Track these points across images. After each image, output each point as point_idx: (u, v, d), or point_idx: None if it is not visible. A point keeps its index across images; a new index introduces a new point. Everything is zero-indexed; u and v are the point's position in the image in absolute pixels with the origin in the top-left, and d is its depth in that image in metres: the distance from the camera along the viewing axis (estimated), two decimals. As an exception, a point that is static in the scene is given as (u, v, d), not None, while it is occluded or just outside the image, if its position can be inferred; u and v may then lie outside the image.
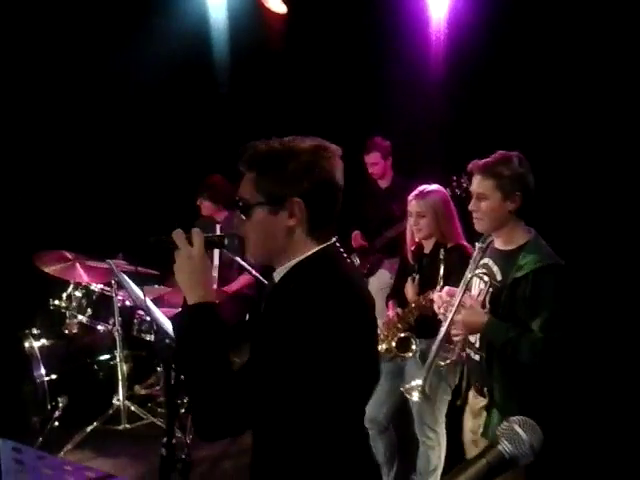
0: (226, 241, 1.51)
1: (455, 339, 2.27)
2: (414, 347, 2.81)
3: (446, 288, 2.39)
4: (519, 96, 4.29)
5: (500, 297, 2.15)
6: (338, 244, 1.47)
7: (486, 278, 2.24)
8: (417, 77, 4.67)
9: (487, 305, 2.21)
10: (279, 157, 1.39)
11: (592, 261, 3.99)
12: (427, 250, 2.94)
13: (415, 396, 2.39)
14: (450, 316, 2.24)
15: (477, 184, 2.21)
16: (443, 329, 2.28)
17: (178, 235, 1.41)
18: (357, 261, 4.34)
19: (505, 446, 0.98)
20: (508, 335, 2.09)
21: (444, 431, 3.01)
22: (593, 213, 4.19)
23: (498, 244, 2.26)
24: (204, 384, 1.30)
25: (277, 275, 1.44)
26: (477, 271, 2.27)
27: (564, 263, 2.13)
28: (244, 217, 1.42)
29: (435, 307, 2.38)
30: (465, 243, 2.85)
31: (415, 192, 2.88)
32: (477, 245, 2.33)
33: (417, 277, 2.90)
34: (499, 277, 2.19)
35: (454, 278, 2.54)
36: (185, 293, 1.39)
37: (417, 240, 2.95)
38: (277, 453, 1.40)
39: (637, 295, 4.05)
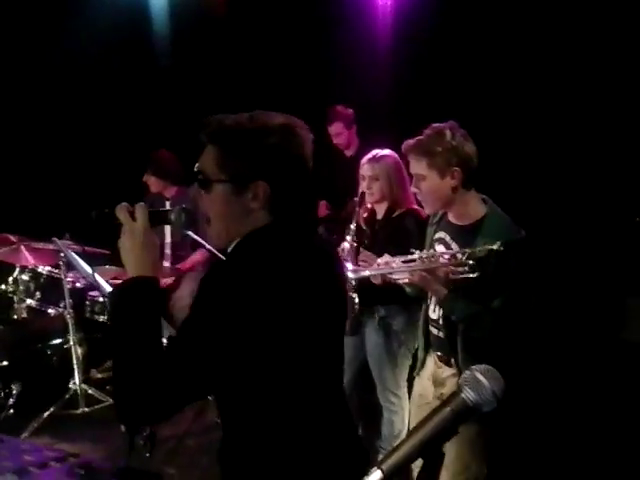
0: (172, 216, 1.43)
1: (407, 279, 2.21)
2: (356, 307, 2.80)
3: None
4: (472, 59, 4.34)
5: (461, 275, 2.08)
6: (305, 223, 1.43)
7: (447, 256, 2.16)
8: (367, 41, 4.65)
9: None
10: (247, 136, 1.30)
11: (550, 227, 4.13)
12: (379, 215, 2.95)
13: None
14: (416, 265, 2.15)
15: (412, 165, 2.11)
16: (404, 265, 2.20)
17: (121, 209, 1.35)
18: (323, 231, 4.32)
19: (468, 394, 0.99)
20: (466, 311, 2.07)
21: (406, 395, 3.05)
22: (545, 179, 4.32)
23: (452, 219, 2.18)
24: (128, 361, 1.22)
25: (230, 247, 1.39)
26: (435, 245, 2.22)
27: (524, 234, 2.07)
28: (203, 191, 1.36)
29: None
30: (417, 207, 2.86)
31: (368, 156, 2.88)
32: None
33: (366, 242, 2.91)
34: (459, 256, 2.10)
35: (413, 240, 2.54)
36: (127, 269, 1.33)
37: (369, 205, 2.96)
38: (239, 432, 1.36)
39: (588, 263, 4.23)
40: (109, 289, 1.97)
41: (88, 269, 2.45)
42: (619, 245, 4.51)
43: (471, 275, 2.03)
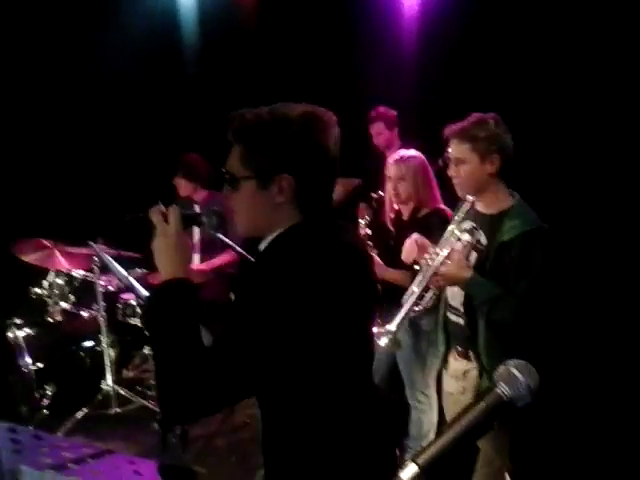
0: (204, 219, 1.46)
1: (432, 286, 2.29)
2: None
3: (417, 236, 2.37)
4: (499, 58, 4.32)
5: (485, 260, 2.14)
6: (334, 216, 1.42)
7: (470, 240, 2.24)
8: (394, 43, 4.66)
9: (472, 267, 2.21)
10: (267, 129, 1.30)
11: (572, 225, 4.08)
12: (405, 217, 2.94)
13: (383, 341, 2.30)
14: (433, 266, 2.22)
15: (454, 149, 2.18)
16: (420, 278, 2.28)
17: (154, 212, 1.37)
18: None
19: (503, 388, 0.99)
20: (491, 293, 2.09)
21: (435, 394, 3.04)
22: (572, 177, 4.26)
23: (481, 208, 2.25)
24: (170, 362, 1.24)
25: (262, 246, 1.41)
26: (463, 236, 2.26)
27: (547, 227, 2.13)
28: (232, 190, 1.37)
29: (409, 254, 2.36)
30: (443, 207, 2.86)
31: (394, 156, 2.90)
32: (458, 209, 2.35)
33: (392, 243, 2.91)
34: (483, 240, 2.19)
35: (436, 241, 2.56)
36: (160, 271, 1.35)
37: (395, 206, 2.95)
38: (279, 426, 1.38)
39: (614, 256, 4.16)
40: (144, 292, 2.00)
41: (124, 272, 2.49)
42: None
43: (482, 243, 2.15)
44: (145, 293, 2.03)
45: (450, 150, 2.20)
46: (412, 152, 2.91)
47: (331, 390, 1.34)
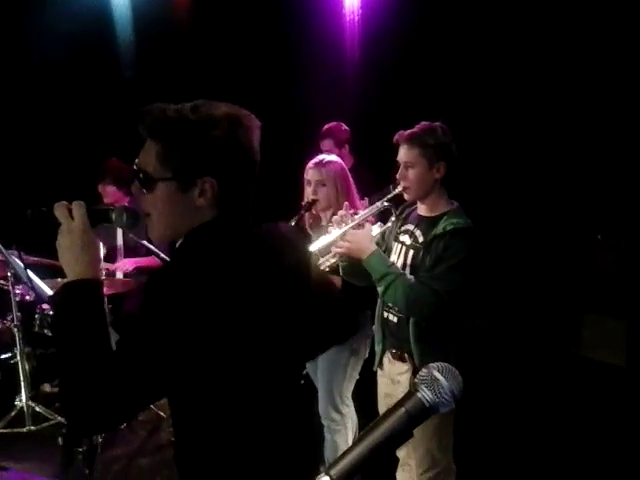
0: (113, 215, 1.35)
1: (336, 250, 2.29)
2: None
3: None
4: (441, 68, 4.39)
5: (420, 255, 2.23)
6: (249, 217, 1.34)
7: (408, 242, 2.31)
8: (334, 57, 4.66)
9: (408, 265, 2.26)
10: (190, 129, 1.22)
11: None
12: (324, 222, 2.81)
13: None
14: (344, 228, 2.29)
15: (404, 153, 2.26)
16: (331, 237, 2.30)
17: (59, 207, 1.27)
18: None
19: (425, 393, 0.92)
20: (388, 270, 2.17)
21: (351, 414, 2.92)
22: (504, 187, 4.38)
23: (422, 211, 2.34)
24: (74, 367, 1.15)
25: (178, 244, 1.32)
26: (400, 237, 2.35)
27: (478, 231, 2.21)
28: (145, 191, 1.27)
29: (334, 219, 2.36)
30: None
31: (314, 160, 2.77)
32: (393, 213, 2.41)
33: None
34: (421, 239, 2.27)
35: None
36: (66, 271, 1.25)
37: (314, 212, 2.82)
38: (190, 432, 1.29)
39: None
40: (50, 294, 1.85)
41: (33, 277, 2.31)
42: (579, 262, 4.58)
43: (419, 241, 2.25)
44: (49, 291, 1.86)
45: (400, 155, 2.28)
46: (332, 157, 2.82)
47: (245, 396, 1.26)
